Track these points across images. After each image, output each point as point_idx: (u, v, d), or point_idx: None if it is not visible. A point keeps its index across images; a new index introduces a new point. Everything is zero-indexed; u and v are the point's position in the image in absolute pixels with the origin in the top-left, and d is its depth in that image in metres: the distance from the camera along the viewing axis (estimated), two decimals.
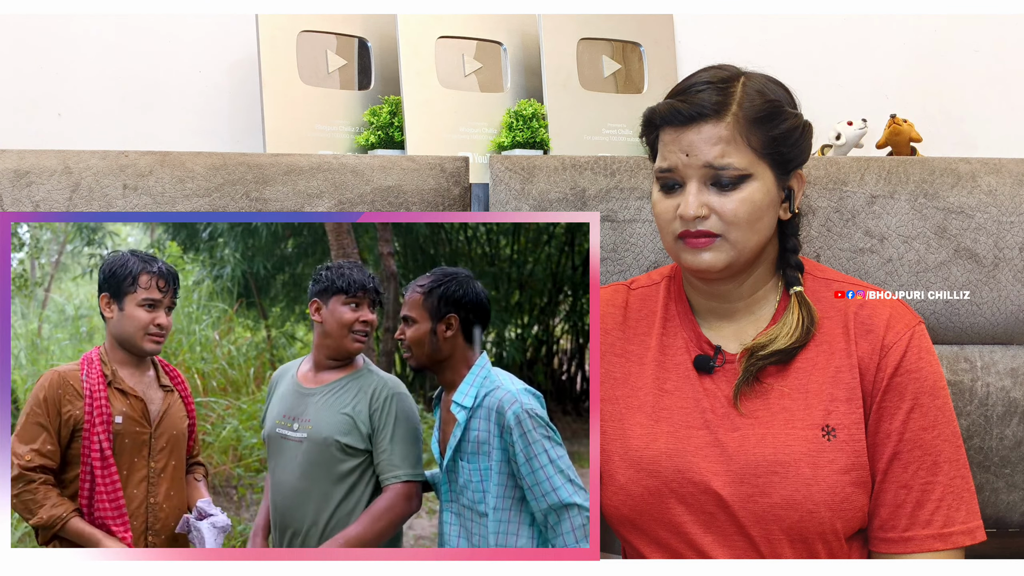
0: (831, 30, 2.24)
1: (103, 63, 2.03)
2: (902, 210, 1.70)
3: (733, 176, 1.22)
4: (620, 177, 1.70)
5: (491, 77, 2.05)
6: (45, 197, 1.61)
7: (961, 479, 1.26)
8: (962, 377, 1.67)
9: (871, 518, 1.27)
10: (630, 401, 1.32)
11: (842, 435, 1.25)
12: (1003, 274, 1.70)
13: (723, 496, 1.24)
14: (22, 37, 2.01)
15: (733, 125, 1.22)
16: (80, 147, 1.74)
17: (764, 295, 1.33)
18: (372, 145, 1.95)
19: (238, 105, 2.07)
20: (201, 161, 1.66)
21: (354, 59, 2.03)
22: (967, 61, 2.27)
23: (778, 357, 1.27)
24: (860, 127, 2.05)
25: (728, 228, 1.23)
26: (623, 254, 1.69)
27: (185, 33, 2.05)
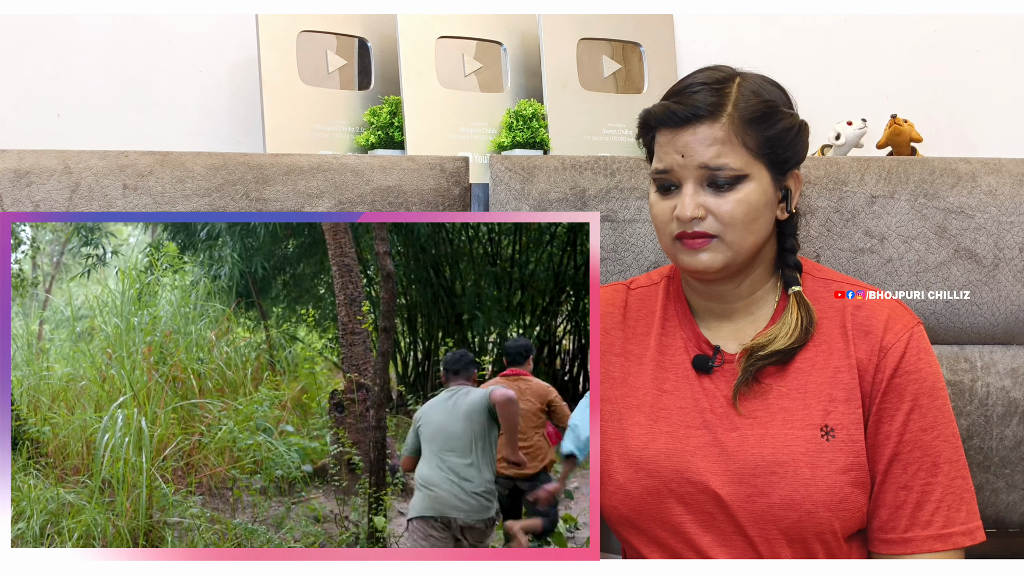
0: (831, 30, 2.24)
1: (103, 63, 2.03)
2: (902, 210, 1.70)
3: (729, 177, 1.22)
4: (620, 177, 1.70)
5: (491, 77, 2.05)
6: (45, 197, 1.61)
7: (961, 480, 1.26)
8: (962, 377, 1.67)
9: (871, 519, 1.27)
10: (629, 401, 1.32)
11: (841, 435, 1.25)
12: (1003, 274, 1.70)
13: (722, 496, 1.24)
14: (22, 37, 2.01)
15: (728, 126, 1.22)
16: (80, 147, 1.74)
17: (763, 295, 1.33)
18: (372, 145, 1.95)
19: (238, 105, 2.07)
20: (201, 161, 1.66)
21: (354, 59, 2.03)
22: (967, 61, 2.27)
23: (777, 357, 1.27)
24: (860, 127, 2.05)
25: (724, 229, 1.23)
26: (623, 254, 1.69)
27: (185, 33, 2.05)
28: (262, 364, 2.25)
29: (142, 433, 1.68)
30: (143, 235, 1.89)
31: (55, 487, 1.57)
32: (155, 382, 1.83)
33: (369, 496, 1.61)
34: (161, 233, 1.92)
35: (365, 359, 1.91)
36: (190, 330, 2.17)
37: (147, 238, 1.90)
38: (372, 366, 1.87)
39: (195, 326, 2.18)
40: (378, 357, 1.71)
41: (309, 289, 2.24)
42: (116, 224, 1.88)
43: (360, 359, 1.92)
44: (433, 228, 2.08)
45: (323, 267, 2.13)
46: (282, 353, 2.31)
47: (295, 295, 2.41)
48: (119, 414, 1.69)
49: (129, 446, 1.65)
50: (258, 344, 2.32)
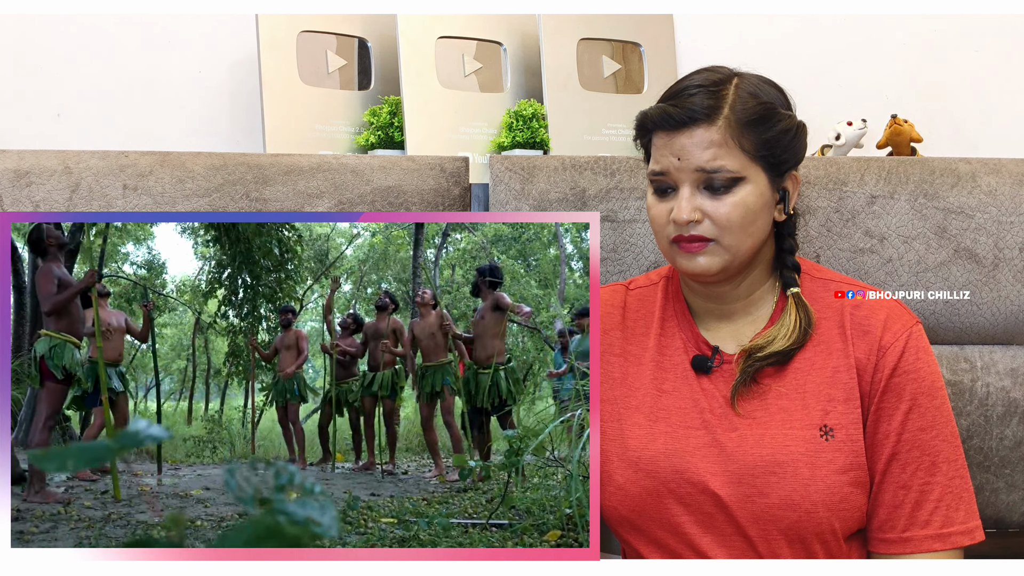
0: (831, 30, 2.24)
1: (103, 63, 2.03)
2: (902, 210, 1.69)
3: (725, 179, 1.22)
4: (620, 177, 1.70)
5: (491, 77, 2.05)
6: (45, 197, 1.61)
7: (959, 479, 1.26)
8: (962, 377, 1.67)
9: (870, 518, 1.27)
10: (628, 401, 1.32)
11: (840, 435, 1.25)
12: (1003, 274, 1.70)
13: (721, 496, 1.24)
14: (22, 37, 2.01)
15: (725, 128, 1.21)
16: (80, 147, 1.74)
17: (761, 296, 1.33)
18: (372, 145, 1.95)
19: (238, 105, 2.07)
20: (201, 161, 1.66)
21: (354, 59, 2.03)
22: (967, 61, 2.27)
23: (775, 359, 1.27)
24: (860, 127, 2.05)
25: (721, 232, 1.23)
26: (623, 254, 1.69)
27: (185, 33, 2.05)
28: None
29: None
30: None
31: None
32: None
33: None
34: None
35: None
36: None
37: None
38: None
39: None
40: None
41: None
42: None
43: None
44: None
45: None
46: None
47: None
48: None
49: None
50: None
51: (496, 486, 1.71)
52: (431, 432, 2.17)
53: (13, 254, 1.79)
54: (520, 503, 1.59)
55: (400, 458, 2.29)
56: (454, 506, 1.75)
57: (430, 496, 1.87)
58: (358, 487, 2.00)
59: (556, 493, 1.60)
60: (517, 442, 1.56)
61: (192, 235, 2.13)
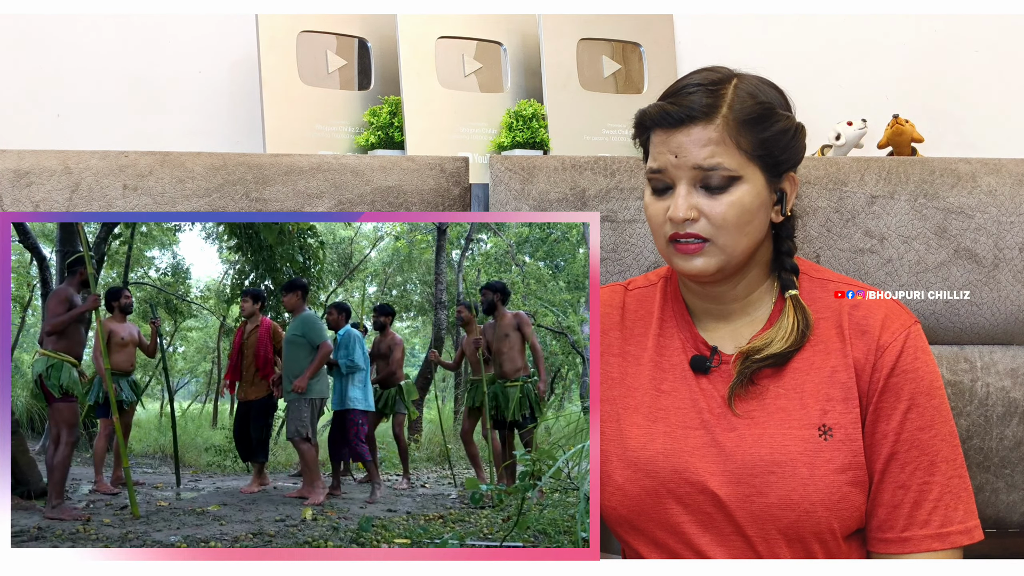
0: (831, 30, 2.24)
1: (103, 63, 2.03)
2: (902, 210, 1.70)
3: (722, 178, 1.22)
4: (620, 177, 1.70)
5: (491, 77, 2.05)
6: (45, 197, 1.61)
7: (958, 479, 1.26)
8: (962, 377, 1.67)
9: (869, 518, 1.28)
10: (627, 401, 1.33)
11: (838, 435, 1.25)
12: (1003, 274, 1.70)
13: (720, 496, 1.25)
14: (22, 37, 2.01)
15: (723, 127, 1.22)
16: (80, 147, 1.74)
17: (759, 296, 1.33)
18: (372, 145, 1.95)
19: (238, 105, 2.07)
20: (201, 161, 1.66)
21: (354, 59, 2.03)
22: (967, 61, 2.27)
23: (773, 360, 1.27)
24: (860, 127, 2.05)
25: (717, 232, 1.23)
26: (623, 254, 1.69)
27: (185, 33, 2.05)
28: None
29: None
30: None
31: None
32: None
33: None
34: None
35: None
36: None
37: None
38: None
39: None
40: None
41: None
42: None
43: None
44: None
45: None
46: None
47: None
48: None
49: None
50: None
51: (514, 504, 1.70)
52: (471, 445, 2.16)
53: (39, 255, 1.81)
54: (535, 524, 1.58)
55: (421, 468, 2.27)
56: (470, 524, 1.73)
57: (446, 513, 1.85)
58: (373, 504, 1.97)
59: (573, 512, 1.58)
60: (531, 465, 1.55)
61: (217, 240, 2.13)
